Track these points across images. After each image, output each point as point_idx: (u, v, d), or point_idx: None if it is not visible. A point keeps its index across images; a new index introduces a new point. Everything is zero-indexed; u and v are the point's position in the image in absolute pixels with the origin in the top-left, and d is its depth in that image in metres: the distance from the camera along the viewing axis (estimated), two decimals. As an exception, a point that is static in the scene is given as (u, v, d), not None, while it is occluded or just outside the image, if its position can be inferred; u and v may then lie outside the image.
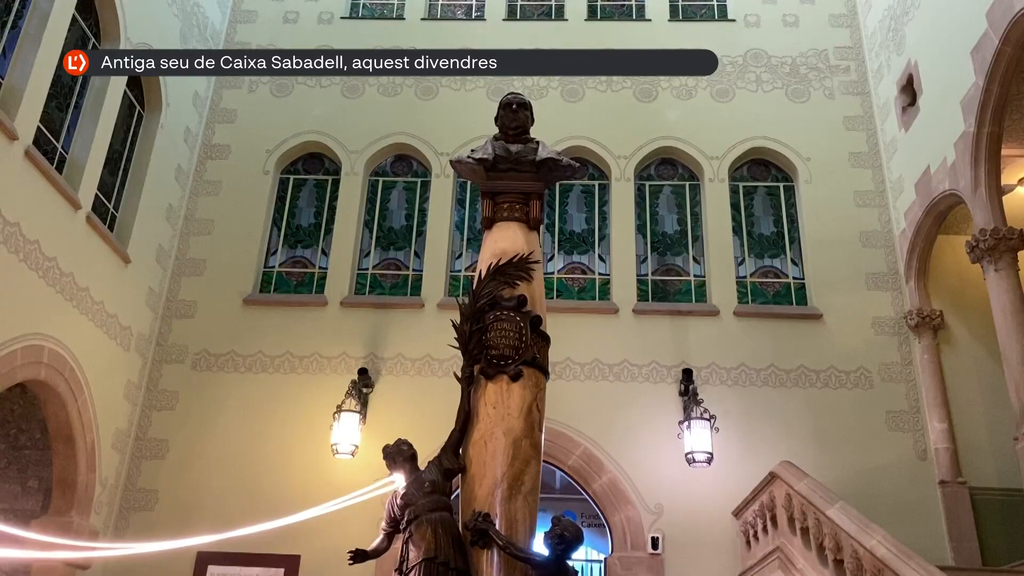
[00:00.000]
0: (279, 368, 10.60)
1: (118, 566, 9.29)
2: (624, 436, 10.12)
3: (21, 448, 10.05)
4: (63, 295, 8.76)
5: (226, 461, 10.04)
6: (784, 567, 7.63)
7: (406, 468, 5.18)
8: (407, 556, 4.78)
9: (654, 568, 9.49)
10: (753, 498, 8.74)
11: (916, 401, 10.09)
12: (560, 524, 4.66)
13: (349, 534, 5.85)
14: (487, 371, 5.24)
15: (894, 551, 5.37)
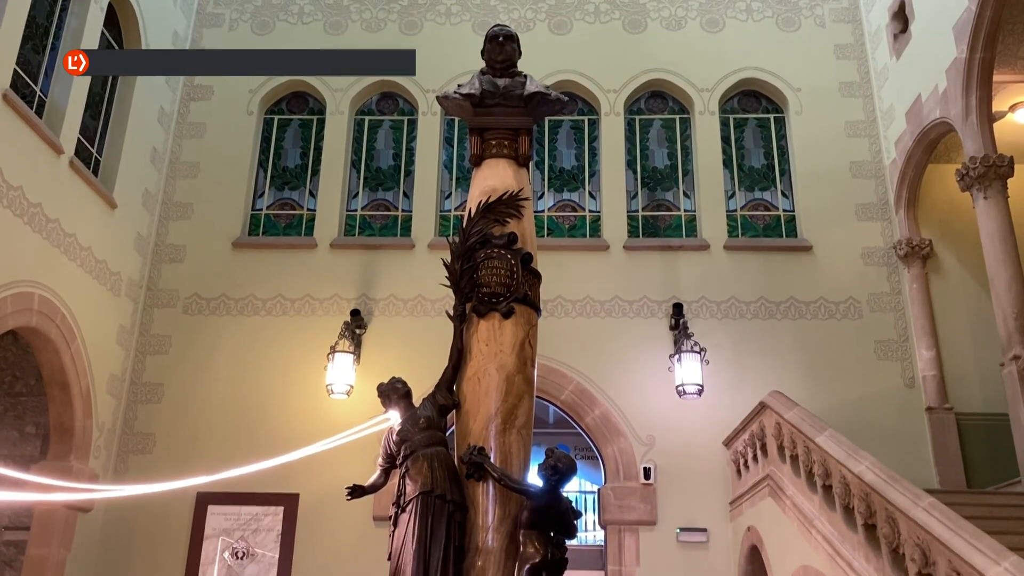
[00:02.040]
0: (271, 311, 10.61)
1: (119, 508, 9.43)
2: (615, 370, 10.23)
3: (17, 395, 10.10)
4: (50, 241, 8.69)
5: (222, 404, 10.11)
6: (774, 494, 7.80)
7: (401, 405, 5.23)
8: (404, 490, 4.85)
9: (646, 497, 9.69)
10: (743, 428, 8.89)
11: (904, 330, 10.21)
12: (554, 456, 4.73)
13: (346, 472, 5.93)
14: (479, 309, 5.25)
15: (882, 476, 5.49)
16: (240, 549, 9.56)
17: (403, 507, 4.82)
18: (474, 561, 4.72)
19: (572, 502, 4.85)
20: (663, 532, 9.55)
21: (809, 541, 6.79)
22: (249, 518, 9.67)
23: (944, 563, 4.53)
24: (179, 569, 9.42)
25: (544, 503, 4.65)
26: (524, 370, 5.18)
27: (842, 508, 6.17)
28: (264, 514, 9.67)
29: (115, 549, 9.47)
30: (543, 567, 4.52)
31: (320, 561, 9.42)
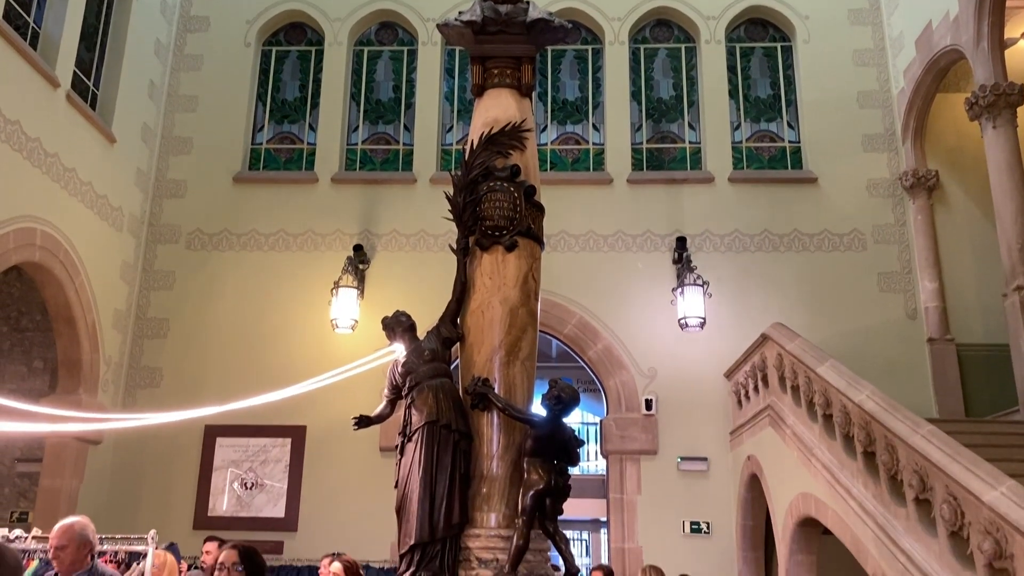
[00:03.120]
0: (273, 246, 10.60)
1: (129, 440, 9.59)
2: (618, 304, 10.26)
3: (23, 330, 10.19)
4: (50, 176, 8.64)
5: (227, 339, 10.19)
6: (775, 423, 7.89)
7: (405, 338, 5.25)
8: (410, 420, 4.91)
9: (648, 428, 9.82)
10: (745, 359, 8.95)
11: (908, 262, 10.20)
12: (557, 386, 4.77)
13: (352, 404, 5.99)
14: (482, 242, 5.24)
15: (882, 404, 5.54)
16: (249, 479, 9.74)
17: (409, 436, 4.89)
18: (479, 488, 4.81)
19: (575, 431, 4.92)
20: (664, 461, 9.71)
21: (809, 469, 6.90)
22: (257, 449, 9.84)
23: (941, 488, 4.60)
24: (189, 499, 9.62)
25: (547, 432, 4.71)
26: (527, 303, 5.19)
27: (842, 437, 6.25)
28: (272, 445, 9.83)
29: (126, 480, 9.65)
30: (546, 493, 4.60)
31: (328, 490, 9.61)
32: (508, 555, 4.53)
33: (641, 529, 9.45)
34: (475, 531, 4.73)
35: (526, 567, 4.58)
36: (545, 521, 4.67)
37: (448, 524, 4.64)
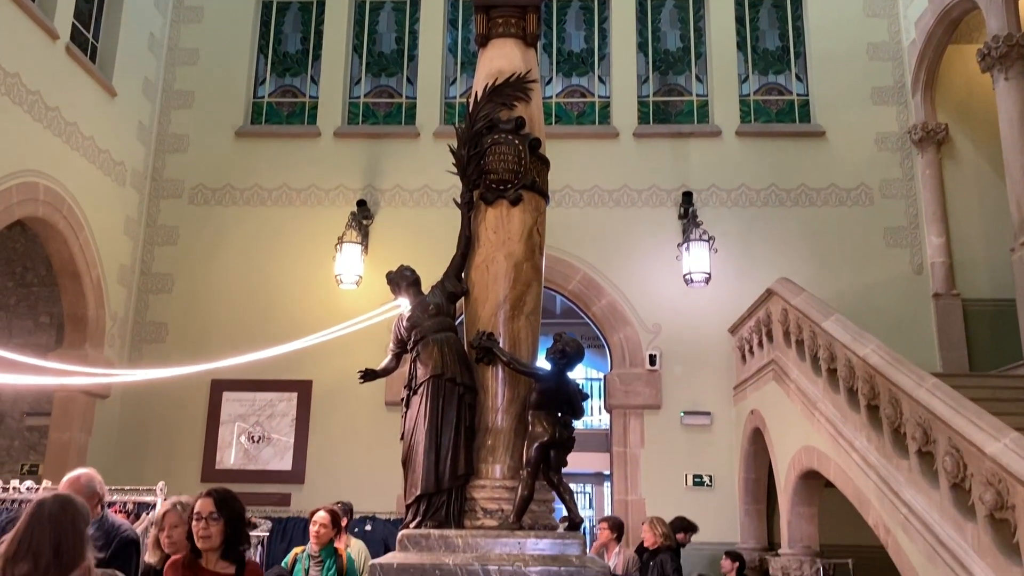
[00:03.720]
0: (277, 201, 10.56)
1: (136, 395, 9.67)
2: (623, 260, 10.23)
3: (29, 285, 10.21)
4: (52, 130, 8.58)
5: (232, 294, 10.20)
6: (778, 378, 7.92)
7: (410, 292, 5.24)
8: (415, 373, 4.92)
9: (651, 383, 9.86)
10: (749, 315, 8.95)
11: (915, 217, 10.13)
12: (562, 340, 4.77)
13: (358, 359, 6.00)
14: (486, 196, 5.19)
15: (886, 358, 5.54)
16: (256, 433, 9.83)
17: (415, 390, 4.90)
18: (484, 440, 4.84)
19: (579, 385, 4.93)
20: (667, 415, 9.77)
21: (812, 423, 6.94)
22: (264, 404, 9.91)
23: (944, 441, 4.62)
24: (197, 452, 9.72)
25: (552, 385, 4.73)
26: (532, 258, 5.17)
27: (846, 390, 6.27)
28: (278, 400, 9.91)
29: (134, 434, 9.74)
30: (551, 445, 4.63)
31: (334, 444, 9.70)
32: (513, 505, 4.58)
33: (644, 482, 9.54)
34: (480, 482, 4.77)
35: (531, 517, 4.63)
36: (550, 473, 4.70)
37: (453, 475, 4.67)
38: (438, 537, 4.47)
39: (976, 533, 4.30)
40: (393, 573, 4.29)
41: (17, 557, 2.33)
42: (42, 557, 2.34)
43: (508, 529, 4.52)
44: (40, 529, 2.39)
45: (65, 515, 2.45)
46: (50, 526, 2.41)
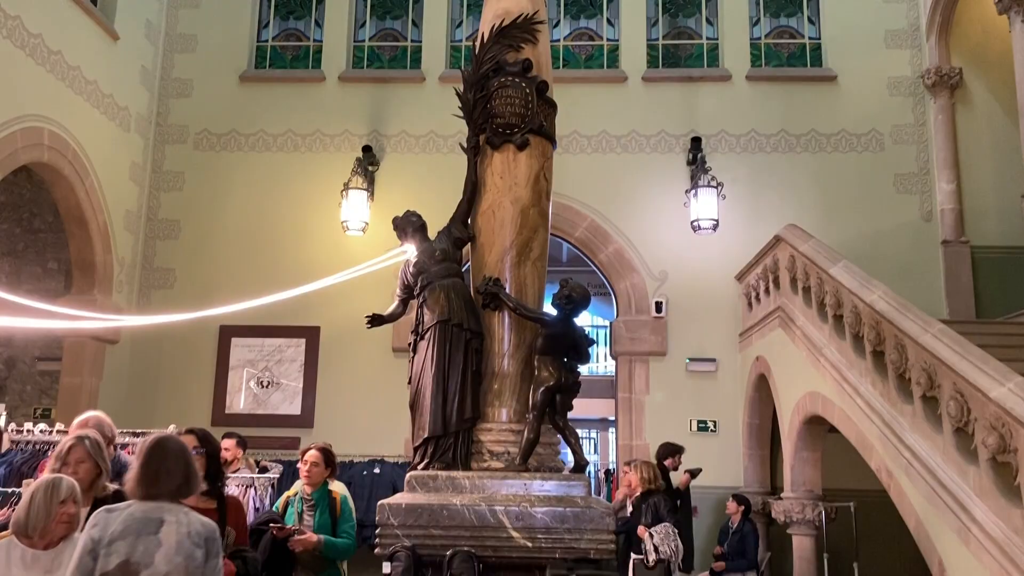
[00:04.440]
0: (282, 147, 10.49)
1: (145, 340, 9.75)
2: (630, 207, 10.18)
3: (36, 231, 10.24)
4: (54, 75, 8.50)
5: (239, 240, 10.20)
6: (784, 325, 7.93)
7: (416, 238, 5.23)
8: (422, 319, 4.94)
9: (657, 330, 9.89)
10: (756, 261, 8.93)
11: (926, 163, 10.03)
12: (568, 286, 4.78)
13: (365, 305, 6.00)
14: (493, 140, 5.16)
15: (893, 304, 5.54)
16: (265, 378, 9.93)
17: (422, 335, 4.94)
18: (491, 385, 4.89)
19: (585, 330, 4.95)
20: (673, 362, 9.82)
21: (817, 369, 6.97)
22: (272, 349, 9.99)
23: (949, 386, 4.64)
24: (207, 397, 9.82)
25: (558, 330, 4.75)
26: (539, 203, 5.15)
27: (852, 337, 6.28)
28: (287, 346, 9.98)
29: (144, 379, 9.84)
30: (557, 389, 4.68)
31: (342, 389, 9.79)
32: (519, 448, 4.65)
33: (648, 427, 9.63)
34: (487, 425, 4.83)
35: (536, 460, 4.70)
36: (555, 416, 4.76)
37: (460, 418, 4.73)
38: (445, 478, 4.55)
39: (978, 476, 4.35)
40: (401, 513, 4.37)
41: (150, 481, 2.78)
42: (174, 481, 2.81)
43: (514, 471, 4.59)
44: (172, 459, 2.84)
45: (186, 449, 2.95)
46: (181, 458, 2.87)
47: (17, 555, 3.01)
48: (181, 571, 2.67)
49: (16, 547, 3.02)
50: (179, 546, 2.69)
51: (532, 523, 4.30)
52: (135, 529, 2.66)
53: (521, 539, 4.27)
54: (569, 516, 4.33)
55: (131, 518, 2.70)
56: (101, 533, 2.66)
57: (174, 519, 2.75)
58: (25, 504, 3.03)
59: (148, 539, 2.66)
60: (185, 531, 2.75)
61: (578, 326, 4.91)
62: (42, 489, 3.07)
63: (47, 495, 3.05)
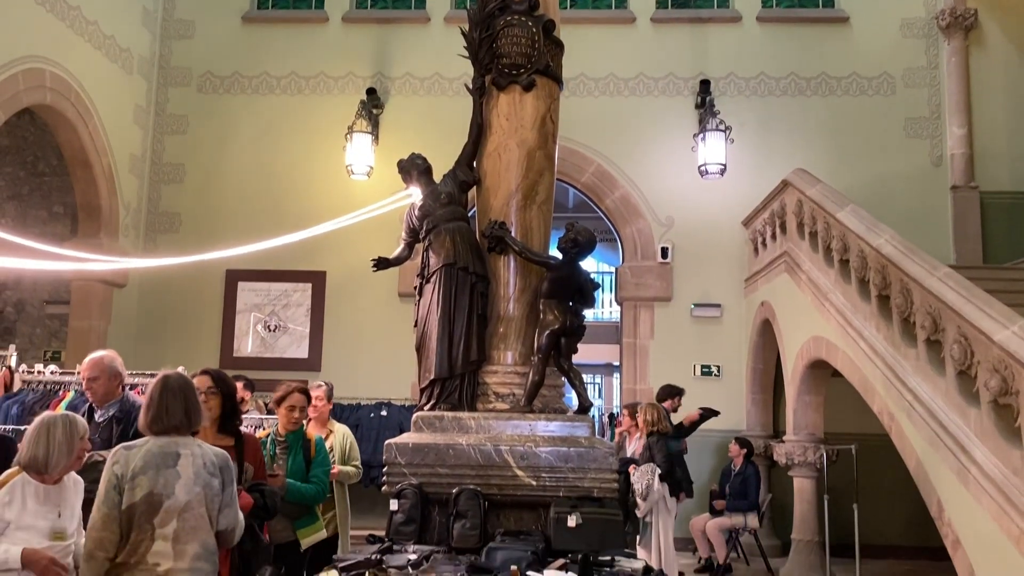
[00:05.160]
0: (285, 89, 10.39)
1: (152, 284, 9.80)
2: (637, 151, 10.10)
3: (41, 175, 10.22)
4: (55, 15, 8.37)
5: (244, 184, 10.17)
6: (790, 270, 7.92)
7: (421, 181, 5.21)
8: (428, 263, 4.95)
9: (663, 275, 9.89)
10: (764, 207, 8.88)
11: (938, 107, 9.89)
12: (574, 229, 4.77)
13: (370, 250, 6.01)
14: (499, 81, 5.09)
15: (900, 248, 5.52)
16: (272, 323, 9.99)
17: (427, 278, 4.94)
18: (496, 328, 4.92)
19: (590, 274, 4.96)
20: (678, 308, 9.84)
21: (822, 313, 6.98)
22: (279, 294, 10.03)
23: (953, 329, 4.65)
24: (215, 340, 9.90)
25: (563, 274, 4.76)
26: (545, 146, 5.11)
27: (857, 281, 6.27)
28: (293, 290, 10.02)
29: (152, 323, 9.91)
30: (562, 333, 4.70)
31: (349, 333, 9.85)
32: (524, 390, 4.69)
33: (652, 372, 9.69)
34: (492, 368, 4.87)
35: (541, 401, 4.75)
36: (560, 359, 4.80)
37: (466, 361, 4.77)
38: (452, 419, 4.61)
39: (979, 418, 4.38)
40: (408, 452, 4.44)
41: (157, 418, 2.92)
42: (175, 417, 2.93)
43: (519, 412, 4.65)
44: (172, 396, 2.96)
45: (188, 386, 3.05)
46: (181, 394, 2.98)
47: (31, 491, 3.08)
48: (200, 499, 2.85)
49: (30, 483, 3.08)
50: (197, 476, 2.86)
51: (536, 462, 4.37)
52: (155, 463, 2.82)
53: (526, 478, 4.34)
54: (573, 456, 4.40)
55: (149, 454, 2.85)
56: (123, 469, 2.80)
57: (189, 452, 2.91)
58: (42, 442, 3.07)
59: (167, 472, 2.83)
60: (201, 462, 2.90)
61: (583, 270, 4.92)
62: (60, 426, 3.11)
63: (67, 433, 3.10)
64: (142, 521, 2.76)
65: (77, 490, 3.26)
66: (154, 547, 2.75)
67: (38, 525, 3.05)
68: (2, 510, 3.01)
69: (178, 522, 2.79)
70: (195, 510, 2.84)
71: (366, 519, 8.43)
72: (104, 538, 2.74)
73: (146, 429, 2.96)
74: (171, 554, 2.76)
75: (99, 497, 2.79)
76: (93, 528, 2.77)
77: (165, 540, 2.76)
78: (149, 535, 2.75)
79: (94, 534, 2.76)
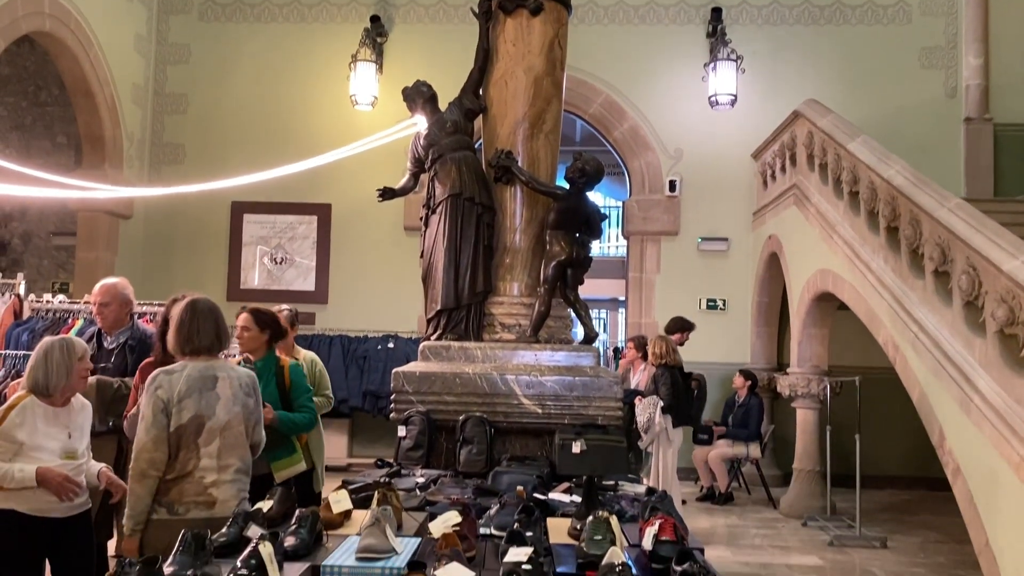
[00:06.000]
0: (288, 17, 10.19)
1: (159, 215, 9.79)
2: (647, 82, 9.93)
3: (43, 105, 10.12)
4: (50, -61, 8.19)
5: (248, 115, 10.06)
6: (799, 202, 7.86)
7: (427, 109, 5.13)
8: (434, 193, 4.92)
9: (670, 209, 9.83)
10: (774, 138, 8.77)
11: (955, 36, 9.66)
12: (581, 159, 4.72)
13: (375, 182, 5.93)
14: (505, 5, 4.99)
15: (911, 179, 5.46)
16: (278, 255, 10.00)
17: (433, 209, 4.92)
18: (502, 259, 4.91)
19: (597, 205, 4.92)
20: (685, 242, 9.81)
21: (830, 246, 6.95)
22: (284, 226, 10.02)
23: (962, 260, 4.63)
24: (221, 273, 9.93)
25: (571, 204, 4.73)
26: (553, 73, 5.03)
27: (866, 213, 6.22)
28: (299, 223, 10.00)
29: (159, 254, 9.92)
30: (568, 264, 4.70)
31: (355, 266, 9.87)
32: (530, 321, 4.71)
33: (658, 306, 9.72)
34: (498, 299, 4.88)
35: (547, 332, 4.78)
36: (566, 290, 4.81)
37: (472, 292, 4.78)
38: (458, 348, 4.64)
39: (984, 348, 4.39)
40: (416, 380, 4.48)
41: (189, 339, 3.04)
42: (207, 338, 3.06)
43: (525, 342, 4.67)
44: (202, 318, 3.07)
45: (216, 309, 3.15)
46: (211, 316, 3.10)
47: (40, 413, 3.18)
48: (239, 418, 3.06)
49: (38, 406, 3.18)
50: (235, 397, 3.05)
51: (542, 391, 4.42)
52: (197, 387, 2.98)
53: (531, 406, 4.39)
54: (578, 385, 4.44)
55: (191, 378, 2.99)
56: (168, 394, 2.94)
57: (225, 375, 3.07)
58: (41, 365, 3.18)
59: (208, 395, 3.00)
60: (237, 384, 3.08)
61: (591, 201, 4.89)
62: (57, 349, 3.22)
63: (64, 354, 3.21)
64: (189, 441, 2.94)
65: (85, 413, 3.39)
66: (200, 463, 2.94)
67: (50, 446, 3.16)
68: (14, 432, 3.11)
69: (220, 440, 2.99)
70: (234, 428, 3.03)
71: (374, 448, 8.61)
72: (156, 458, 2.89)
73: (178, 351, 3.07)
74: (215, 468, 2.97)
75: (146, 420, 2.92)
76: (144, 450, 2.89)
77: (210, 457, 2.96)
78: (195, 453, 2.94)
79: (146, 455, 2.89)
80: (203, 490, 2.93)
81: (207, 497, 2.93)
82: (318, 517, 2.55)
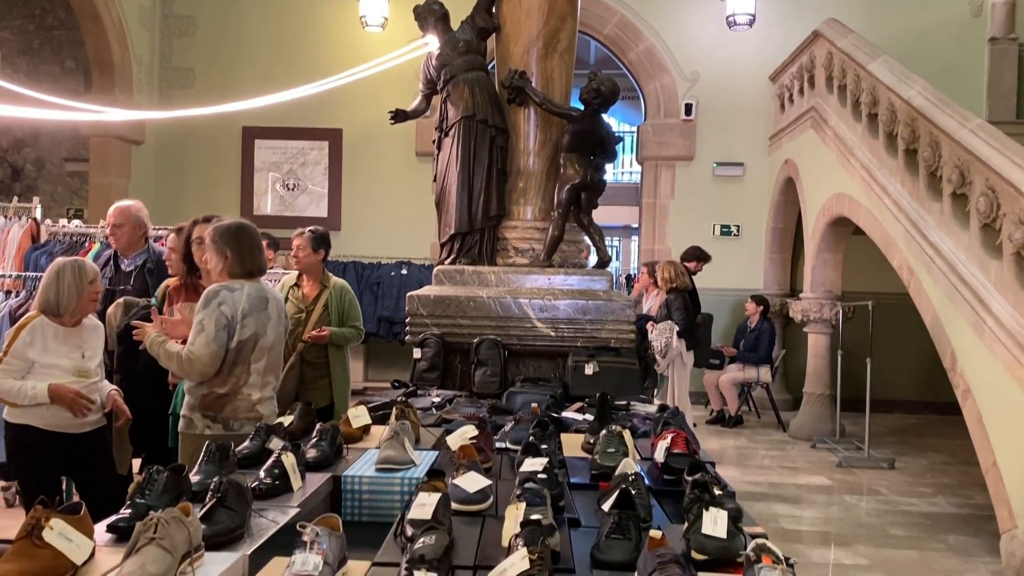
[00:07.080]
0: (295, -64, 9.95)
1: (170, 141, 9.75)
2: (663, 1, 9.69)
3: (50, 28, 9.98)
4: None
5: (256, 38, 9.91)
6: (816, 126, 7.74)
7: (438, 28, 5.03)
8: (446, 115, 4.86)
9: (686, 133, 9.71)
10: (792, 60, 8.58)
11: (982, -48, 9.34)
12: (596, 79, 4.63)
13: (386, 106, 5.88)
14: (519, -81, 4.83)
15: (932, 100, 5.35)
16: (290, 181, 9.98)
17: (446, 132, 4.87)
18: (516, 183, 4.88)
19: (612, 127, 4.85)
20: (699, 167, 9.71)
21: (846, 169, 6.87)
22: (296, 152, 9.97)
23: (981, 182, 4.57)
24: (234, 199, 9.93)
25: (585, 126, 4.66)
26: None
27: (885, 136, 6.13)
28: (310, 148, 9.94)
29: (171, 180, 9.90)
30: (582, 187, 4.66)
31: (367, 192, 9.84)
32: (544, 245, 4.71)
33: (672, 232, 9.68)
34: (512, 223, 4.87)
35: (560, 256, 4.78)
36: (580, 214, 4.78)
37: (486, 216, 4.76)
38: (472, 272, 4.65)
39: (1000, 270, 4.37)
40: (430, 303, 4.51)
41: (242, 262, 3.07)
42: (257, 261, 3.13)
43: (539, 266, 4.68)
44: (250, 241, 3.11)
45: (257, 232, 3.20)
46: (257, 239, 3.15)
47: (51, 333, 3.24)
48: (280, 339, 3.23)
49: (49, 326, 3.24)
50: (280, 319, 3.19)
51: (555, 314, 4.44)
52: (256, 307, 3.06)
53: (544, 329, 4.43)
54: (591, 308, 4.46)
55: (250, 297, 3.05)
56: (232, 311, 2.99)
57: (272, 297, 3.18)
58: (53, 285, 3.22)
59: (262, 314, 3.09)
60: (280, 306, 3.22)
61: (605, 122, 4.82)
62: (68, 270, 3.25)
63: (75, 276, 3.24)
64: (244, 358, 3.03)
65: (97, 333, 3.44)
66: (250, 379, 3.06)
67: (62, 364, 3.23)
68: (25, 350, 3.18)
69: (267, 359, 3.11)
70: (276, 348, 3.18)
71: (389, 372, 8.73)
72: (206, 372, 2.96)
73: (234, 272, 3.08)
74: (260, 384, 3.09)
75: (207, 335, 2.93)
76: (199, 361, 2.93)
77: (257, 374, 3.08)
78: (247, 369, 3.05)
79: (199, 367, 2.94)
80: (251, 407, 3.04)
81: (255, 414, 3.04)
82: (338, 431, 2.61)
